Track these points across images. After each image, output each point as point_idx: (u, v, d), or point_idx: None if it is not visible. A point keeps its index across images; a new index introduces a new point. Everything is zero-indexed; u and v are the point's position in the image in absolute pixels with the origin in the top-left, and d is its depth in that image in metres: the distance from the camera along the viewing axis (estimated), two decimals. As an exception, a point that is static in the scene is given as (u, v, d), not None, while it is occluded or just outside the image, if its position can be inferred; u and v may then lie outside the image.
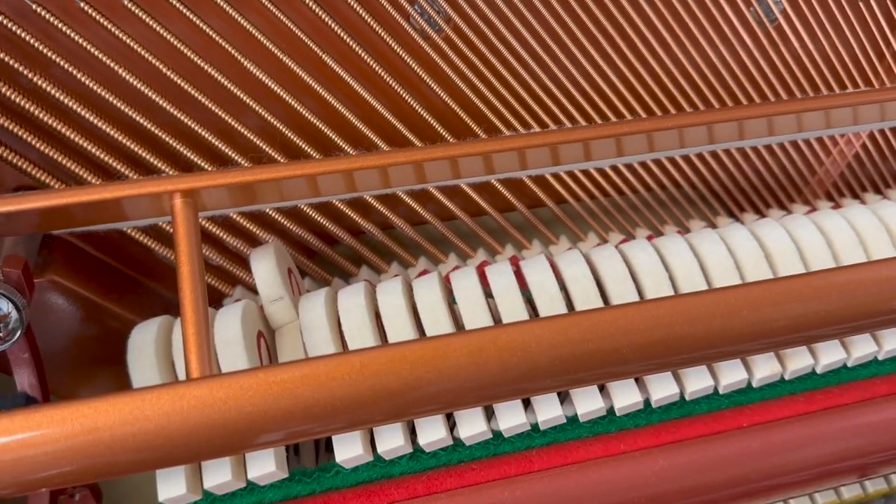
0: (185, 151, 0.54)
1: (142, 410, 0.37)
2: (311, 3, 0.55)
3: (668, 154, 0.59)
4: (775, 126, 0.60)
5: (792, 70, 0.69)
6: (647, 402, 0.52)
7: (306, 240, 0.60)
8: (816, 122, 0.61)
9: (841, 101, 0.60)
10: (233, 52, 0.54)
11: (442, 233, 0.64)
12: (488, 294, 0.51)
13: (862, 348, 0.55)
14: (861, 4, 0.69)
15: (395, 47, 0.58)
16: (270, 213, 0.58)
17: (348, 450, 0.46)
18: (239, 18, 0.53)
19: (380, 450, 0.47)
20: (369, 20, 0.57)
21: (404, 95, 0.59)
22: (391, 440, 0.46)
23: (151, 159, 0.54)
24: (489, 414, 0.50)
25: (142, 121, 0.53)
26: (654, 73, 0.66)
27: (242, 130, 0.55)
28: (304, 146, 0.57)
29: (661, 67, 0.66)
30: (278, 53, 0.55)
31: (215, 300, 0.58)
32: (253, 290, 0.60)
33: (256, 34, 0.54)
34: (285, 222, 0.58)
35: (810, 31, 0.68)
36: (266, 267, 0.51)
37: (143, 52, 0.52)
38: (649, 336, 0.42)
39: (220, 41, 0.53)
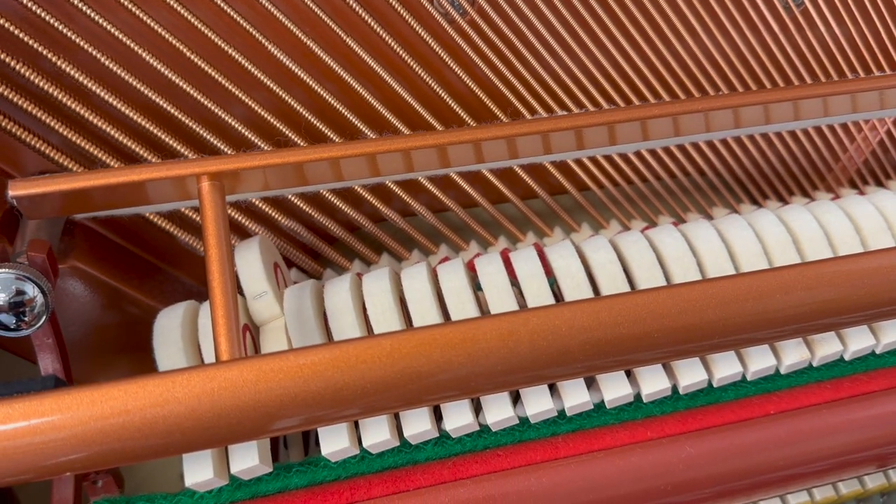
0: (207, 136, 0.54)
1: (172, 392, 0.36)
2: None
3: (693, 139, 0.58)
4: (801, 110, 0.59)
5: (818, 55, 0.68)
6: (674, 388, 0.52)
7: (326, 226, 0.60)
8: (843, 107, 0.60)
9: (867, 84, 0.59)
10: (257, 35, 0.53)
11: (463, 220, 0.63)
12: (512, 281, 0.51)
13: (891, 334, 0.54)
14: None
15: (419, 31, 0.57)
16: (292, 199, 0.57)
17: (375, 434, 0.45)
18: (262, 1, 0.53)
19: (406, 434, 0.46)
20: (393, 2, 0.56)
21: (428, 80, 0.59)
22: (417, 425, 0.46)
23: (174, 144, 0.53)
24: (515, 400, 0.49)
25: (164, 105, 0.53)
26: (680, 58, 0.65)
27: (265, 115, 0.55)
28: (326, 131, 0.57)
29: (688, 52, 0.65)
30: (302, 37, 0.54)
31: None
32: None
33: (280, 17, 0.54)
34: (306, 208, 0.58)
35: (837, 16, 0.67)
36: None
37: (166, 36, 0.51)
38: (681, 320, 0.42)
39: (245, 24, 0.53)
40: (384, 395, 0.39)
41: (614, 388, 0.50)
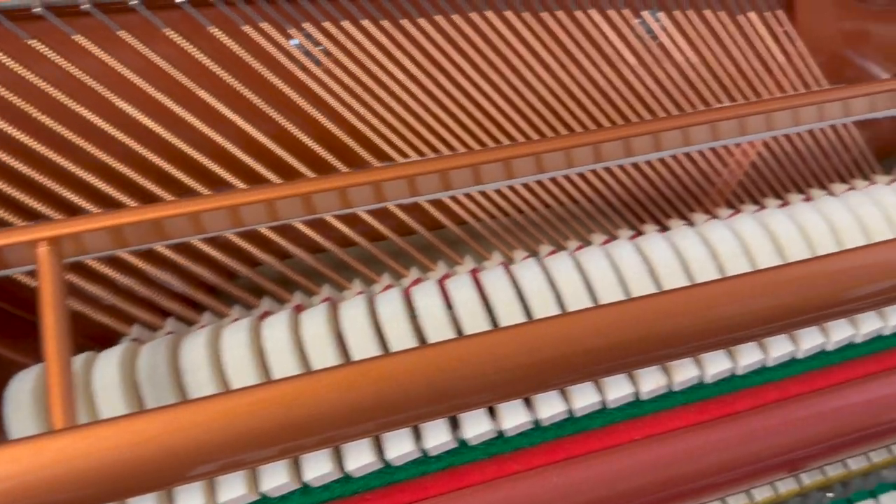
0: (62, 192, 0.53)
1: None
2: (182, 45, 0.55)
3: (556, 174, 0.60)
4: (662, 141, 0.61)
5: (677, 84, 0.71)
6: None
7: (200, 274, 0.59)
8: (703, 136, 0.63)
9: (726, 113, 0.61)
10: (105, 92, 0.53)
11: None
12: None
13: (749, 356, 0.56)
14: (746, 20, 0.71)
15: (279, 84, 0.58)
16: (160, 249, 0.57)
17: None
18: (106, 58, 0.53)
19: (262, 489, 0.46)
20: (248, 57, 0.57)
21: (288, 126, 0.59)
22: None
23: (27, 201, 0.53)
24: (379, 446, 0.50)
25: (13, 162, 0.52)
26: (540, 96, 0.66)
27: (120, 167, 0.55)
28: (188, 181, 0.57)
29: (547, 90, 0.66)
30: (152, 92, 0.54)
31: (112, 341, 0.56)
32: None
33: (129, 74, 0.54)
34: (176, 258, 0.57)
35: (691, 45, 0.70)
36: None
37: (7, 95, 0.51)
38: (539, 355, 0.42)
39: (90, 83, 0.53)
40: (225, 455, 0.39)
41: (476, 426, 0.50)
